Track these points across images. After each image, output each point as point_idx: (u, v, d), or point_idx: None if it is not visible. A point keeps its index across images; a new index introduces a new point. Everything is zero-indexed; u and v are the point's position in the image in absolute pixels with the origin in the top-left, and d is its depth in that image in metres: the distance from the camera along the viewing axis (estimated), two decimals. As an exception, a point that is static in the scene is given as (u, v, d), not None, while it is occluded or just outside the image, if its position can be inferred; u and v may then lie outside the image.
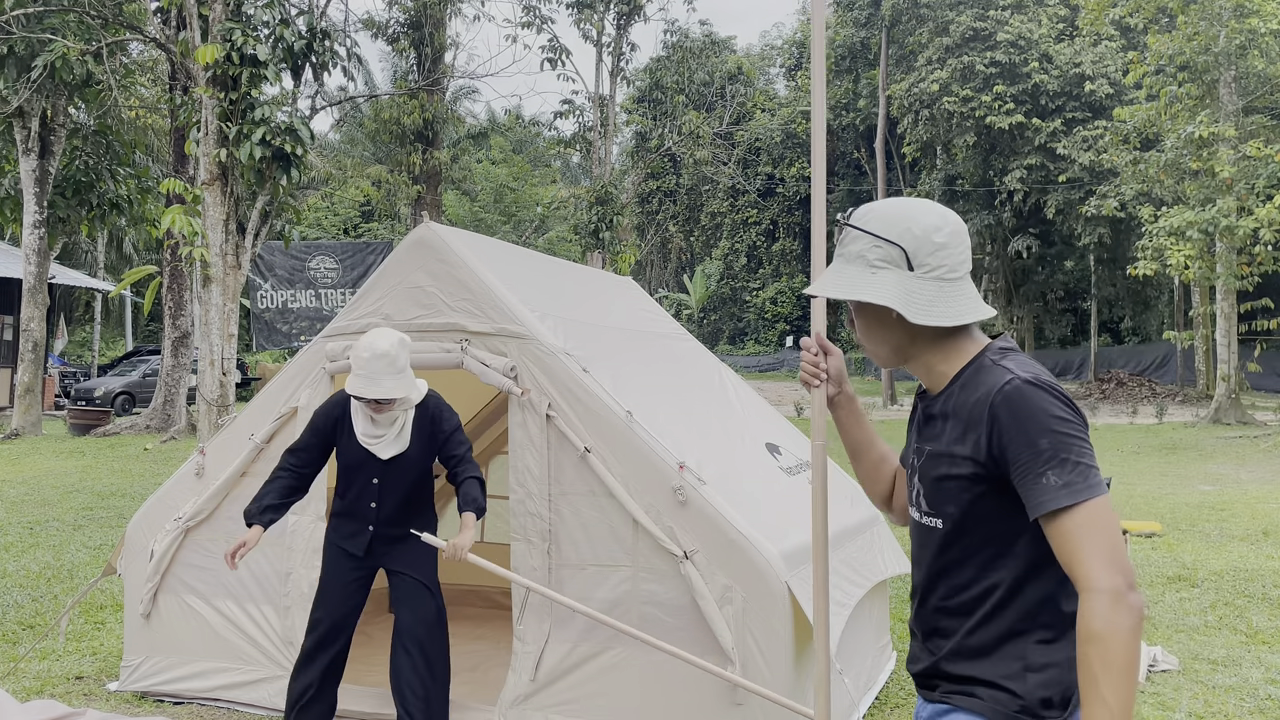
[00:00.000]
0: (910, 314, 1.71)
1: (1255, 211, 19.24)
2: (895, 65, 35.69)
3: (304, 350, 4.73)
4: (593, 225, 22.07)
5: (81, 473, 13.47)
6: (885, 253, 1.73)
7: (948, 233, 1.74)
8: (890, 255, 1.73)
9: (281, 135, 12.14)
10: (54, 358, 29.50)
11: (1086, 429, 1.65)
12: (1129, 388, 32.92)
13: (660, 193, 49.56)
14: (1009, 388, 1.64)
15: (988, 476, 1.67)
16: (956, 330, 1.78)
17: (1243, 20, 19.78)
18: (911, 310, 1.71)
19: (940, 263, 1.73)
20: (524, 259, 5.17)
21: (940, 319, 1.72)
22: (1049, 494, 1.58)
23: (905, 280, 1.73)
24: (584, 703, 3.96)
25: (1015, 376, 1.65)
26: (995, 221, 31.24)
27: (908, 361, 1.83)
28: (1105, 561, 1.54)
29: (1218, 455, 16.29)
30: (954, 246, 1.75)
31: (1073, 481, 1.57)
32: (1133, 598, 1.54)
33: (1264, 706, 4.75)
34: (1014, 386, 1.64)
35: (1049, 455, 1.59)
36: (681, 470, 3.89)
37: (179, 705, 4.72)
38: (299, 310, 23.44)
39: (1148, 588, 7.19)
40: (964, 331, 1.79)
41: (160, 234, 15.84)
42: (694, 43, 28.21)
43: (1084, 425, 1.64)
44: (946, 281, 1.74)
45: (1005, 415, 1.63)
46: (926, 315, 1.72)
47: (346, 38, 19.36)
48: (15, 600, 6.71)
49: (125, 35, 16.56)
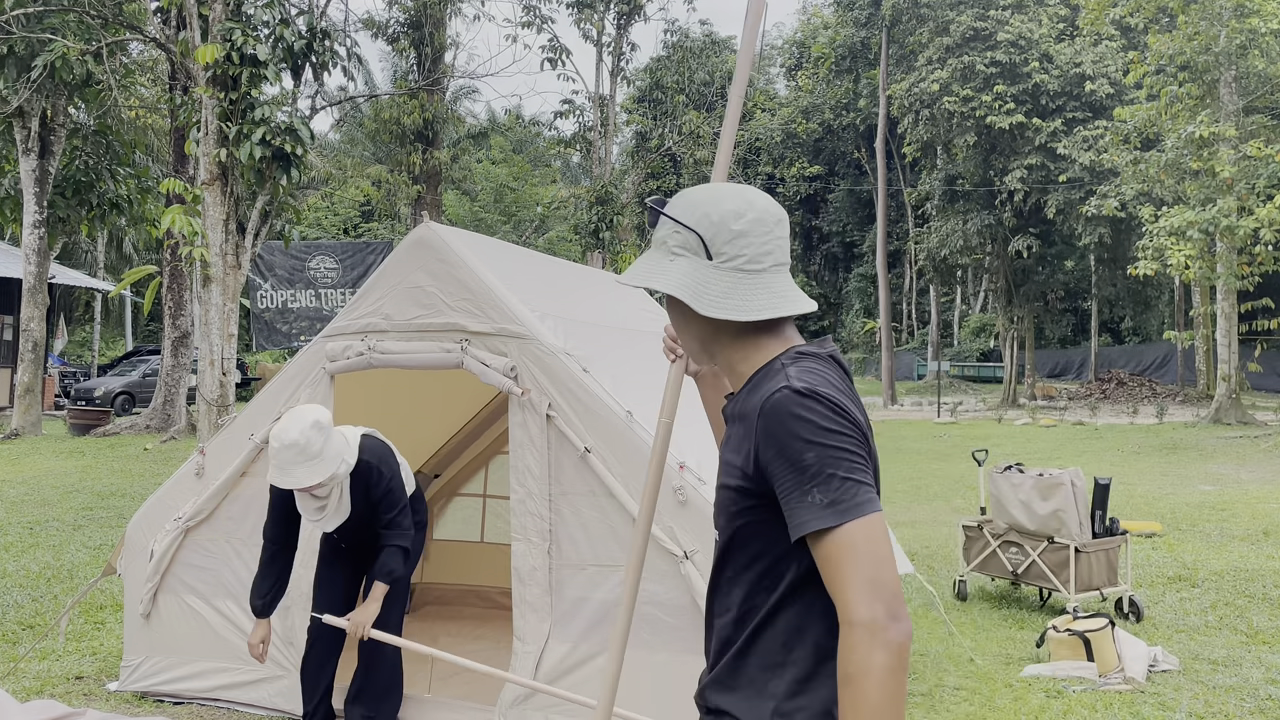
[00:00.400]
0: (698, 305, 1.57)
1: (1256, 211, 19.23)
2: (895, 65, 35.68)
3: (304, 350, 4.73)
4: (593, 225, 22.07)
5: (81, 473, 13.46)
6: (684, 239, 1.60)
7: (749, 220, 1.59)
8: (688, 242, 1.60)
9: (281, 135, 12.14)
10: (54, 358, 29.50)
11: (863, 444, 1.50)
12: (1129, 388, 32.93)
13: (660, 193, 49.52)
14: (777, 396, 1.49)
15: (754, 491, 1.53)
16: (761, 328, 1.63)
17: (1243, 20, 19.77)
18: (701, 301, 1.57)
19: (739, 252, 1.59)
20: (524, 259, 5.17)
21: (733, 313, 1.57)
22: (812, 513, 1.43)
23: (700, 269, 1.59)
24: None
25: (787, 385, 1.50)
26: (995, 221, 31.22)
27: (714, 358, 1.68)
28: (865, 590, 1.38)
29: (1218, 455, 16.29)
30: (754, 235, 1.59)
31: (839, 500, 1.42)
32: (893, 631, 1.37)
33: (1264, 707, 4.74)
34: (782, 395, 1.49)
35: (814, 471, 1.44)
36: (682, 470, 3.89)
37: (179, 705, 4.72)
38: (299, 310, 23.43)
39: (1148, 588, 7.19)
40: (770, 329, 1.63)
41: (160, 234, 15.84)
42: (694, 43, 28.23)
43: (859, 440, 1.50)
44: (746, 273, 1.59)
45: (770, 425, 1.49)
46: (717, 308, 1.57)
47: (346, 38, 19.38)
48: (15, 600, 6.70)
49: (125, 35, 16.55)
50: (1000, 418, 25.54)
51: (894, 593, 1.40)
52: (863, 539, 1.41)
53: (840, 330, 50.76)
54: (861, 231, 49.38)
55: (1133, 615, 6.35)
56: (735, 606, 1.58)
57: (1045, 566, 6.31)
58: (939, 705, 4.79)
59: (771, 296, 1.60)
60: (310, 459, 3.65)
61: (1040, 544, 6.34)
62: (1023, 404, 30.71)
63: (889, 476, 13.97)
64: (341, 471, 3.81)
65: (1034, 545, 6.38)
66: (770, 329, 1.64)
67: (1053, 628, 5.43)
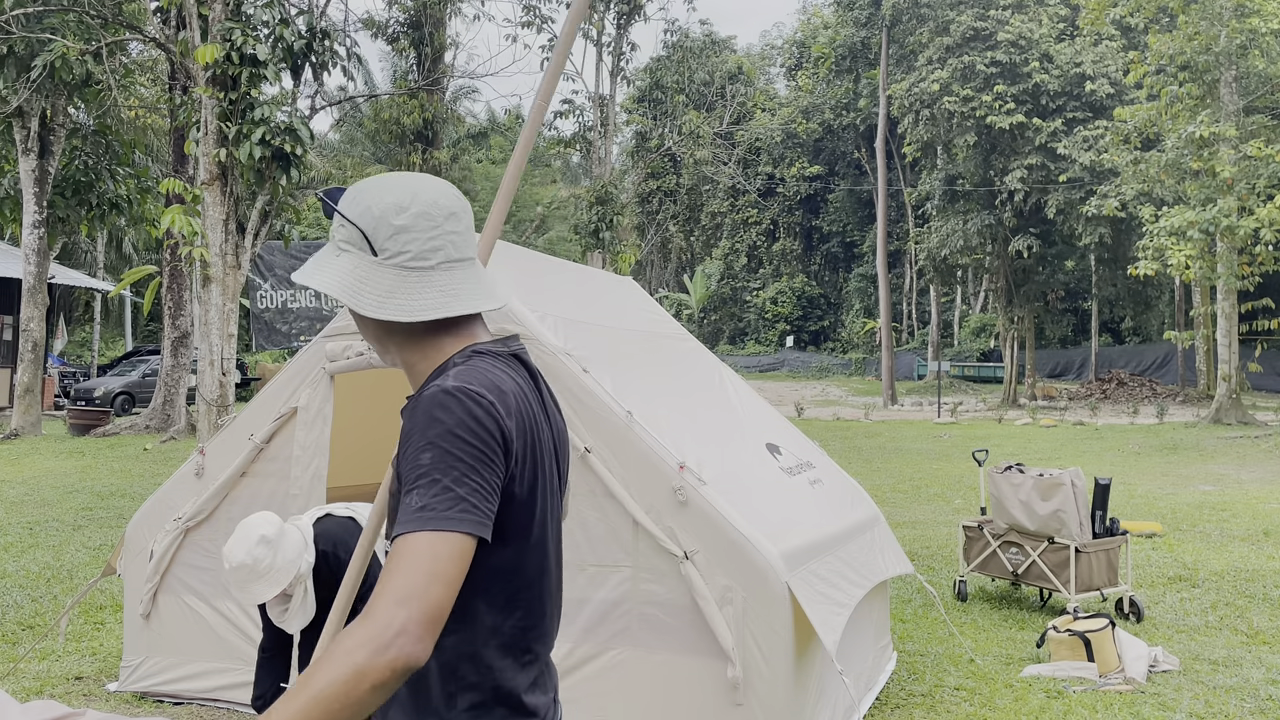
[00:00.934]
0: (357, 305, 1.48)
1: (1256, 211, 19.24)
2: (895, 65, 35.68)
3: (304, 350, 4.73)
4: (593, 225, 22.06)
5: (81, 473, 13.46)
6: (348, 234, 1.51)
7: (413, 214, 1.49)
8: (352, 237, 1.50)
9: (281, 135, 12.13)
10: (54, 358, 29.50)
11: (495, 454, 1.39)
12: (1130, 388, 32.94)
13: (660, 193, 49.54)
14: (424, 394, 1.41)
15: None
16: (438, 327, 1.53)
17: (1243, 20, 19.77)
18: (361, 301, 1.47)
19: (402, 248, 1.48)
20: (524, 259, 5.17)
21: (397, 313, 1.47)
22: (405, 515, 1.32)
23: (363, 266, 1.49)
24: (584, 703, 3.95)
25: (440, 385, 1.41)
26: (995, 221, 31.23)
27: (394, 358, 1.59)
28: (398, 596, 1.25)
29: (1218, 455, 16.28)
30: (419, 230, 1.49)
31: (430, 506, 1.31)
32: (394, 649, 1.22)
33: (1265, 707, 4.74)
34: (428, 394, 1.41)
35: (424, 472, 1.34)
36: (682, 471, 3.89)
37: (179, 705, 4.72)
38: (299, 310, 23.43)
39: (1148, 588, 7.19)
40: (448, 328, 1.54)
41: (160, 234, 15.83)
42: (694, 42, 28.23)
43: (490, 450, 1.38)
44: (410, 270, 1.49)
45: (408, 425, 1.40)
46: (380, 308, 1.47)
47: (346, 37, 19.35)
48: (15, 600, 6.70)
49: (125, 35, 16.55)
50: (1000, 418, 25.54)
51: (425, 614, 1.26)
52: (427, 551, 1.29)
53: (840, 330, 50.76)
54: (861, 231, 49.38)
55: (1133, 615, 6.35)
56: None
57: (1045, 567, 6.31)
58: (939, 705, 4.78)
59: (440, 296, 1.50)
60: (261, 575, 3.57)
61: (1040, 544, 6.34)
62: (1023, 404, 30.71)
63: (889, 476, 13.97)
64: (304, 570, 3.75)
65: (1034, 545, 6.38)
66: (449, 328, 1.54)
67: (1053, 628, 5.43)
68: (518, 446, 1.45)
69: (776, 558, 3.74)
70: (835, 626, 3.76)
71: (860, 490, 5.39)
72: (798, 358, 48.63)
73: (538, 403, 1.55)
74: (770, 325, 51.28)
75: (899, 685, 5.06)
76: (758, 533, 3.80)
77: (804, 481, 4.83)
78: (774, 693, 3.65)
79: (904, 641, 5.84)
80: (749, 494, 4.18)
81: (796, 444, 5.33)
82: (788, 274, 51.90)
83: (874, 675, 4.90)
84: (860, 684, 4.50)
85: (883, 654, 5.15)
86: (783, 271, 52.14)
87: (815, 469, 5.12)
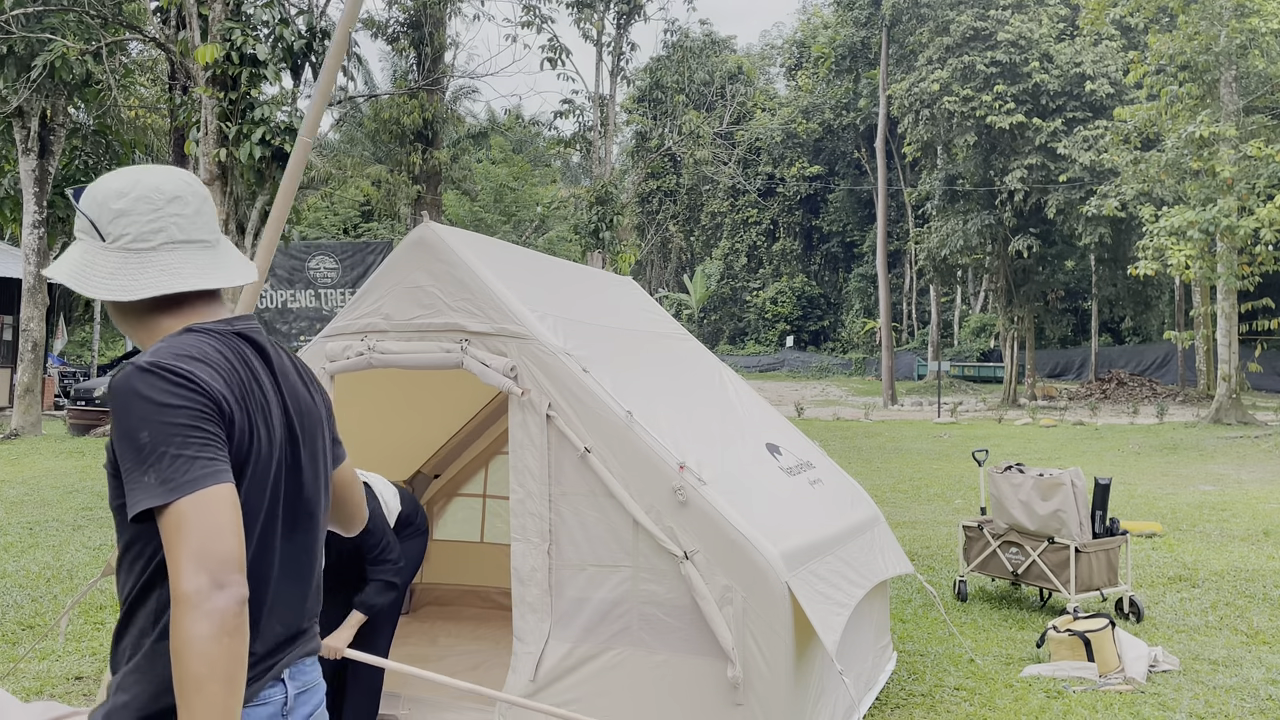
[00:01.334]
0: (78, 286, 1.59)
1: (1256, 211, 19.23)
2: (895, 65, 35.67)
3: (304, 350, 4.72)
4: (593, 225, 22.06)
5: (81, 473, 13.46)
6: (81, 223, 1.63)
7: (132, 198, 1.60)
8: (83, 225, 1.62)
9: (281, 135, 12.14)
10: (54, 358, 29.49)
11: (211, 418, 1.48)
12: (1130, 387, 32.94)
13: (660, 193, 49.55)
14: (120, 374, 1.49)
15: (116, 472, 1.52)
16: (157, 307, 1.63)
17: (1243, 20, 19.77)
18: (86, 283, 1.59)
19: (123, 231, 1.59)
20: (524, 259, 5.16)
21: (117, 293, 1.58)
22: (145, 492, 1.42)
23: (92, 251, 1.61)
24: (584, 703, 3.95)
25: (134, 362, 1.49)
26: (996, 221, 31.22)
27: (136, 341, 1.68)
28: (191, 563, 1.37)
29: (1218, 455, 16.28)
30: (138, 213, 1.60)
31: (170, 478, 1.41)
32: (218, 599, 1.36)
33: (1265, 707, 4.74)
34: (124, 373, 1.49)
35: (149, 449, 1.43)
36: (682, 470, 3.88)
37: (178, 706, 4.71)
38: (299, 310, 23.42)
39: (1148, 588, 7.19)
40: (167, 309, 1.63)
41: (160, 234, 15.82)
42: (694, 42, 28.22)
43: (205, 414, 1.47)
44: (133, 252, 1.59)
45: (114, 405, 1.48)
46: (100, 287, 1.58)
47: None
48: (15, 600, 6.70)
49: (125, 35, 16.55)
50: (1000, 418, 25.54)
51: (222, 560, 1.38)
52: (192, 513, 1.39)
53: (840, 330, 50.76)
54: (861, 231, 49.37)
55: (1133, 615, 6.35)
56: (122, 590, 1.57)
57: (1045, 567, 6.31)
58: (939, 705, 4.78)
59: (160, 274, 1.60)
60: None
61: (1040, 544, 6.34)
62: (1023, 404, 30.70)
63: (889, 476, 13.97)
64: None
65: (1034, 545, 6.38)
66: (167, 308, 1.63)
67: (1053, 628, 5.43)
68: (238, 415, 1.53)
69: (776, 558, 3.74)
70: (835, 626, 3.76)
71: (860, 490, 5.39)
72: (798, 358, 48.63)
73: (268, 376, 1.64)
74: (770, 325, 51.29)
75: (899, 685, 5.06)
76: (758, 533, 3.80)
77: (804, 481, 4.83)
78: (774, 693, 3.65)
79: (904, 641, 5.84)
80: (749, 494, 4.18)
81: (796, 444, 5.33)
82: (788, 274, 51.91)
83: (874, 675, 4.90)
84: (860, 684, 4.50)
85: (883, 654, 5.15)
86: (783, 271, 52.15)
87: (815, 469, 5.12)
